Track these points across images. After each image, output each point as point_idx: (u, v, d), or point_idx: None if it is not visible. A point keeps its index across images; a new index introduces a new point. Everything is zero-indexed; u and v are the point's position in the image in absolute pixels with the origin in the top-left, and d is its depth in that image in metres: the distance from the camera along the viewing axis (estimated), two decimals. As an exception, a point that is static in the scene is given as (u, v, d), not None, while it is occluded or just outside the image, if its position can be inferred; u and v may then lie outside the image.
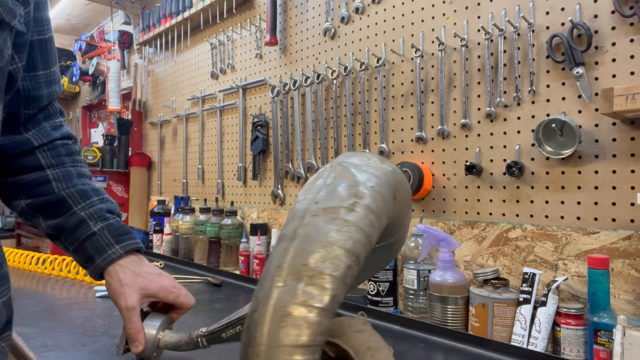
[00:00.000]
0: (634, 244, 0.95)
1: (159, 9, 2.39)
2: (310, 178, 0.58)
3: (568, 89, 1.06)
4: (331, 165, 0.58)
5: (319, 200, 0.52)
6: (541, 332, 0.96)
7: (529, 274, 1.02)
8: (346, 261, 0.47)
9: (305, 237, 0.48)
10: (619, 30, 0.98)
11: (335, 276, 0.46)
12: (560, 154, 1.04)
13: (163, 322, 0.83)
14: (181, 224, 2.03)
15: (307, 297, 0.44)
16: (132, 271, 0.77)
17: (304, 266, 0.46)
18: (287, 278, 0.46)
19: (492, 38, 1.17)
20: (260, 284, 0.47)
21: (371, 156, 0.60)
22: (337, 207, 0.50)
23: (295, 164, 1.71)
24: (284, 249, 0.48)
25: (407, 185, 0.63)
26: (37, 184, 0.75)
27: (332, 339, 0.54)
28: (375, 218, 0.51)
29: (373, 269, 0.81)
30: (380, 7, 1.45)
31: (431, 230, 1.14)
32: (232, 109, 2.08)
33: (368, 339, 0.54)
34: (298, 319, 0.43)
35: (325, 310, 0.44)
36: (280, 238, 0.51)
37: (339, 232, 0.48)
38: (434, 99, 1.31)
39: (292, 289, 0.45)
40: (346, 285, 0.47)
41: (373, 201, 0.52)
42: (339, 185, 0.53)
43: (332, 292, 0.45)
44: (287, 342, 0.42)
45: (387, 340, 1.03)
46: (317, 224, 0.49)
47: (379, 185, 0.54)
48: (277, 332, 0.43)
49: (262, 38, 1.90)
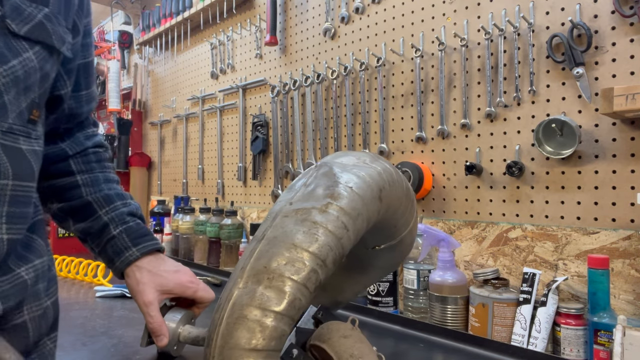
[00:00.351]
0: (634, 244, 0.95)
1: (159, 9, 2.39)
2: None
3: (568, 89, 1.06)
4: (316, 165, 0.57)
5: (294, 201, 0.51)
6: (541, 332, 0.96)
7: (529, 274, 1.02)
8: (310, 265, 0.45)
9: (272, 239, 0.47)
10: (619, 30, 0.98)
11: (295, 280, 0.44)
12: (560, 154, 1.04)
13: (184, 317, 0.85)
14: (181, 224, 2.03)
15: (264, 300, 0.43)
16: (149, 271, 0.80)
17: (264, 268, 0.45)
18: (248, 280, 0.45)
19: (492, 38, 1.17)
20: (225, 285, 0.47)
21: (362, 155, 0.58)
22: (310, 208, 0.49)
23: (295, 164, 1.71)
24: (250, 251, 0.48)
25: (402, 185, 0.60)
26: (68, 188, 0.79)
27: (319, 343, 0.53)
28: (350, 220, 0.49)
29: (381, 272, 0.79)
30: (380, 7, 1.45)
31: (431, 230, 1.14)
32: (232, 109, 2.07)
33: (352, 346, 0.52)
34: (252, 322, 0.42)
35: (283, 315, 0.43)
36: (252, 239, 0.50)
37: (305, 234, 0.47)
38: (434, 99, 1.31)
39: (251, 291, 0.44)
40: (309, 290, 0.45)
41: (349, 202, 0.50)
42: (318, 186, 0.51)
43: (291, 297, 0.44)
44: (240, 345, 0.41)
45: (387, 340, 1.03)
46: (286, 225, 0.48)
47: (359, 186, 0.52)
48: (231, 334, 0.42)
49: (262, 38, 1.90)
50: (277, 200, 0.53)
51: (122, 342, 0.96)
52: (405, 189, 0.61)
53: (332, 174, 0.53)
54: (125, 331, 1.03)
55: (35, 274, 0.60)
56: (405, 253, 0.72)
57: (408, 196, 0.62)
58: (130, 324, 1.08)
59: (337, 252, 0.48)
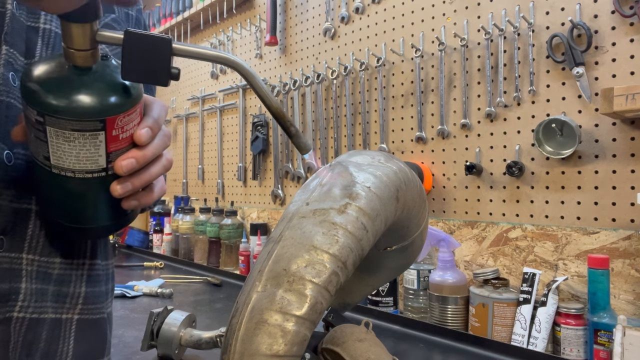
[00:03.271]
0: (634, 244, 0.95)
1: (159, 9, 2.39)
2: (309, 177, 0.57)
3: (568, 89, 1.06)
4: (331, 164, 0.55)
5: (311, 201, 0.49)
6: (541, 332, 0.96)
7: (529, 274, 1.02)
8: (330, 267, 0.44)
9: (290, 240, 0.45)
10: (619, 30, 0.98)
11: (316, 283, 0.43)
12: (560, 154, 1.04)
13: (185, 320, 0.85)
14: (181, 224, 2.03)
15: (285, 304, 0.41)
16: None
17: (284, 271, 0.43)
18: (267, 283, 0.43)
19: (492, 38, 1.17)
20: (242, 289, 0.45)
21: (376, 154, 0.57)
22: (328, 208, 0.47)
23: (295, 164, 1.71)
24: (267, 252, 0.46)
25: (416, 185, 0.59)
26: None
27: (332, 347, 0.52)
28: (369, 221, 0.48)
29: (390, 274, 0.78)
30: (380, 7, 1.45)
31: (431, 230, 1.14)
32: (232, 109, 2.07)
33: (368, 349, 0.52)
34: (273, 326, 0.41)
35: (304, 319, 0.42)
36: (267, 240, 0.49)
37: (325, 235, 0.45)
38: (434, 99, 1.31)
39: (271, 294, 0.42)
40: (330, 293, 0.44)
41: (367, 203, 0.49)
42: (335, 186, 0.50)
43: (312, 300, 0.42)
44: (261, 351, 0.40)
45: (387, 340, 1.03)
46: (304, 226, 0.46)
47: (377, 185, 0.51)
48: (251, 339, 0.41)
49: (262, 38, 1.90)
50: (292, 201, 0.51)
51: (122, 342, 0.96)
52: (419, 189, 0.60)
53: (349, 174, 0.52)
54: (125, 331, 1.03)
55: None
56: (415, 255, 0.71)
57: (421, 196, 0.61)
58: (130, 324, 1.08)
59: (357, 254, 0.47)
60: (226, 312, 1.22)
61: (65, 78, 0.40)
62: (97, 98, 0.40)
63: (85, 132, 0.40)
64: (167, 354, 0.83)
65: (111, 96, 0.40)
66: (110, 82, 0.41)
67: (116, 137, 0.42)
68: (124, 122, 0.42)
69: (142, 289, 1.41)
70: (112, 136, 0.41)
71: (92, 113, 0.39)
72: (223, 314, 1.21)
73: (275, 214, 1.80)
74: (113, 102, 0.40)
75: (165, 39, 0.40)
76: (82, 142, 0.40)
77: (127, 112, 0.41)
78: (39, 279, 0.52)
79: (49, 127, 0.40)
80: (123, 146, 0.43)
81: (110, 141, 0.41)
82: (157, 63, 0.40)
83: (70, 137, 0.40)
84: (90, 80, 0.40)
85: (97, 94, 0.40)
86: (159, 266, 1.85)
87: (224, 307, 1.28)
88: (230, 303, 1.33)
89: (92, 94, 0.40)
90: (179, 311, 0.86)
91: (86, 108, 0.39)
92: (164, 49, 0.40)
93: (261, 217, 1.87)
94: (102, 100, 0.40)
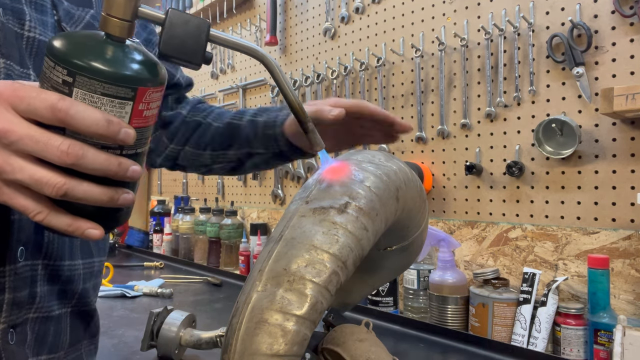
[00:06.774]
0: (634, 244, 0.95)
1: (158, 9, 2.39)
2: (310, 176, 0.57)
3: (568, 89, 1.06)
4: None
5: (310, 200, 0.49)
6: (541, 332, 0.96)
7: (529, 274, 1.02)
8: (331, 267, 0.44)
9: (290, 240, 0.46)
10: (619, 30, 0.98)
11: (317, 282, 0.43)
12: (560, 154, 1.04)
13: (185, 320, 0.85)
14: (181, 224, 2.03)
15: (285, 304, 0.41)
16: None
17: (284, 270, 0.43)
18: (267, 283, 0.43)
19: (492, 38, 1.17)
20: (243, 288, 0.46)
21: (376, 154, 0.57)
22: (327, 207, 0.47)
23: (295, 163, 1.71)
24: (267, 252, 0.46)
25: (416, 185, 0.59)
26: (202, 133, 0.81)
27: (333, 347, 0.53)
28: (369, 220, 0.48)
29: (390, 274, 0.78)
30: (380, 7, 1.45)
31: (431, 230, 1.14)
32: (232, 109, 2.07)
33: (368, 349, 0.52)
34: (273, 326, 0.41)
35: (304, 319, 0.42)
36: (268, 240, 0.49)
37: (325, 235, 0.45)
38: (434, 99, 1.31)
39: (271, 294, 0.42)
40: (330, 293, 0.44)
41: (367, 202, 0.49)
42: (334, 185, 0.50)
43: (313, 300, 0.42)
44: (262, 351, 0.40)
45: (387, 340, 1.03)
46: (304, 225, 0.46)
47: (377, 185, 0.51)
48: (252, 339, 0.41)
49: (262, 38, 1.90)
50: (292, 200, 0.52)
51: (122, 342, 0.96)
52: (419, 189, 0.60)
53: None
54: (125, 331, 1.03)
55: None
56: (415, 255, 0.71)
57: (421, 196, 0.61)
58: (130, 324, 1.08)
59: (357, 254, 0.47)
60: (226, 312, 1.22)
61: (101, 42, 0.40)
62: (133, 65, 0.40)
63: (115, 98, 0.39)
64: (167, 354, 0.83)
65: (146, 68, 0.40)
66: (144, 56, 0.41)
67: (141, 112, 0.41)
68: (151, 98, 0.41)
69: (142, 289, 1.41)
70: (137, 110, 0.40)
71: (127, 78, 0.39)
72: (223, 314, 1.21)
73: (275, 214, 1.80)
74: (147, 73, 0.40)
75: (206, 21, 0.42)
76: (108, 111, 0.39)
77: (156, 88, 0.41)
78: (50, 281, 0.56)
79: (76, 90, 0.38)
80: (143, 125, 0.42)
81: (135, 115, 0.40)
82: (194, 43, 0.42)
83: (97, 102, 0.39)
84: (125, 50, 0.40)
85: (132, 62, 0.40)
86: (159, 266, 1.85)
87: (224, 307, 1.28)
88: (230, 303, 1.33)
89: (128, 61, 0.40)
90: (178, 311, 0.86)
91: (122, 72, 0.39)
92: (202, 31, 0.42)
93: (261, 217, 1.87)
94: (138, 69, 0.40)
